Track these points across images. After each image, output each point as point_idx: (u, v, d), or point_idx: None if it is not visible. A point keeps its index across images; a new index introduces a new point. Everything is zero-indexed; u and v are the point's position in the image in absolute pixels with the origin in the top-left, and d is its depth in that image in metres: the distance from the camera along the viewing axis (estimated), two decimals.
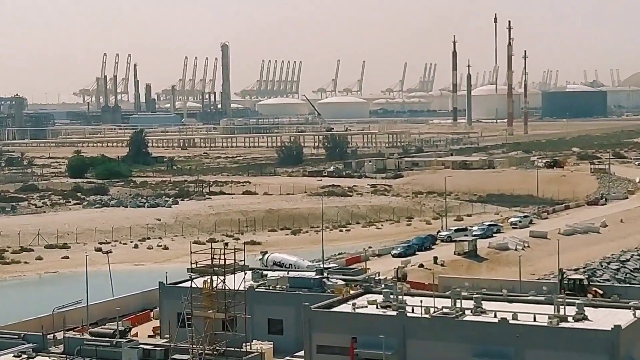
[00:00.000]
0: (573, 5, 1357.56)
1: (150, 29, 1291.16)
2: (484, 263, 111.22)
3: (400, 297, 61.27)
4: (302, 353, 60.78)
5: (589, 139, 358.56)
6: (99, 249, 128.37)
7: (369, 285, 67.99)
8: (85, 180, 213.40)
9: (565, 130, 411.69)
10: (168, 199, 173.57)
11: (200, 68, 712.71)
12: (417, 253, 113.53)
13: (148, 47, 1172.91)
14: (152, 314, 79.56)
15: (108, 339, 58.48)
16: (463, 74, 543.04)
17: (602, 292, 73.92)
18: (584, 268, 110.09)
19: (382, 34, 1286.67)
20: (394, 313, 58.98)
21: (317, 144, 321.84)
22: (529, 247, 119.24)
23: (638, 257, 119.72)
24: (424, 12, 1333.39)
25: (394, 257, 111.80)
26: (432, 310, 58.53)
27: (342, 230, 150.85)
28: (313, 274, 72.94)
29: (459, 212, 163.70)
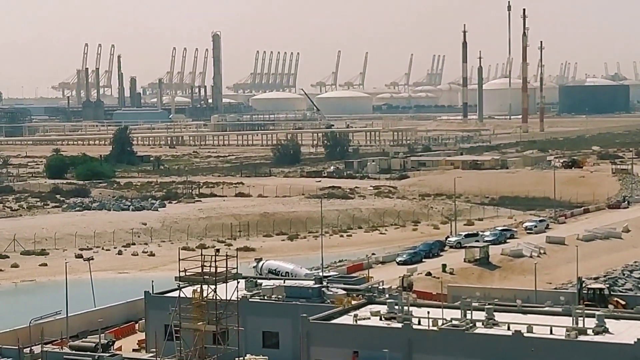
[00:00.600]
0: None
1: (136, 17, 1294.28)
2: (497, 271, 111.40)
3: (406, 308, 61.40)
4: None
5: (610, 137, 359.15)
6: (80, 256, 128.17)
7: (372, 295, 68.13)
8: (65, 181, 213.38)
9: (585, 128, 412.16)
10: (154, 202, 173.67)
11: (190, 60, 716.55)
12: (424, 260, 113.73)
13: (133, 37, 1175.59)
14: (137, 326, 79.72)
15: (89, 353, 58.66)
16: (474, 67, 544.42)
17: (624, 302, 74.09)
18: (605, 277, 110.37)
19: (386, 23, 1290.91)
20: (399, 325, 59.12)
21: (315, 142, 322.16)
22: (545, 253, 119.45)
23: None
24: None
25: (399, 264, 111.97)
26: (440, 322, 58.67)
27: (342, 236, 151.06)
28: (311, 283, 73.06)
29: (470, 216, 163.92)
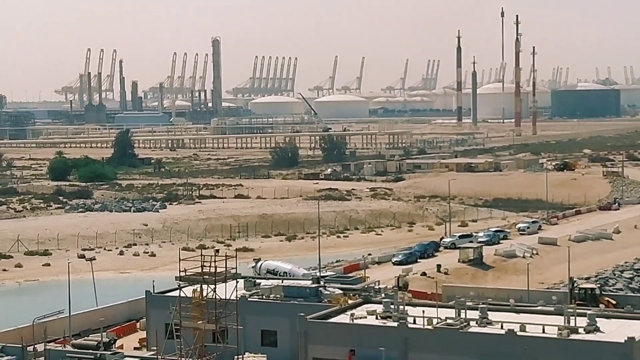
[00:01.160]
0: None
1: (137, 23, 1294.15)
2: (490, 271, 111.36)
3: (402, 307, 61.34)
4: None
5: (601, 140, 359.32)
6: (82, 256, 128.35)
7: (369, 295, 68.05)
8: (68, 183, 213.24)
9: (576, 131, 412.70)
10: (155, 203, 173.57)
11: (190, 64, 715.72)
12: (419, 260, 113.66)
13: (134, 42, 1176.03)
14: (138, 325, 79.63)
15: (91, 352, 58.52)
16: (468, 71, 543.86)
17: (615, 302, 74.04)
18: (596, 277, 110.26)
19: (382, 29, 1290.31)
20: (395, 324, 59.06)
21: (313, 145, 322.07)
22: (538, 254, 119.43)
23: None
24: (427, 5, 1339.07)
25: (395, 264, 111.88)
26: (435, 321, 58.63)
27: (339, 237, 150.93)
28: (309, 283, 72.98)
29: (464, 217, 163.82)
